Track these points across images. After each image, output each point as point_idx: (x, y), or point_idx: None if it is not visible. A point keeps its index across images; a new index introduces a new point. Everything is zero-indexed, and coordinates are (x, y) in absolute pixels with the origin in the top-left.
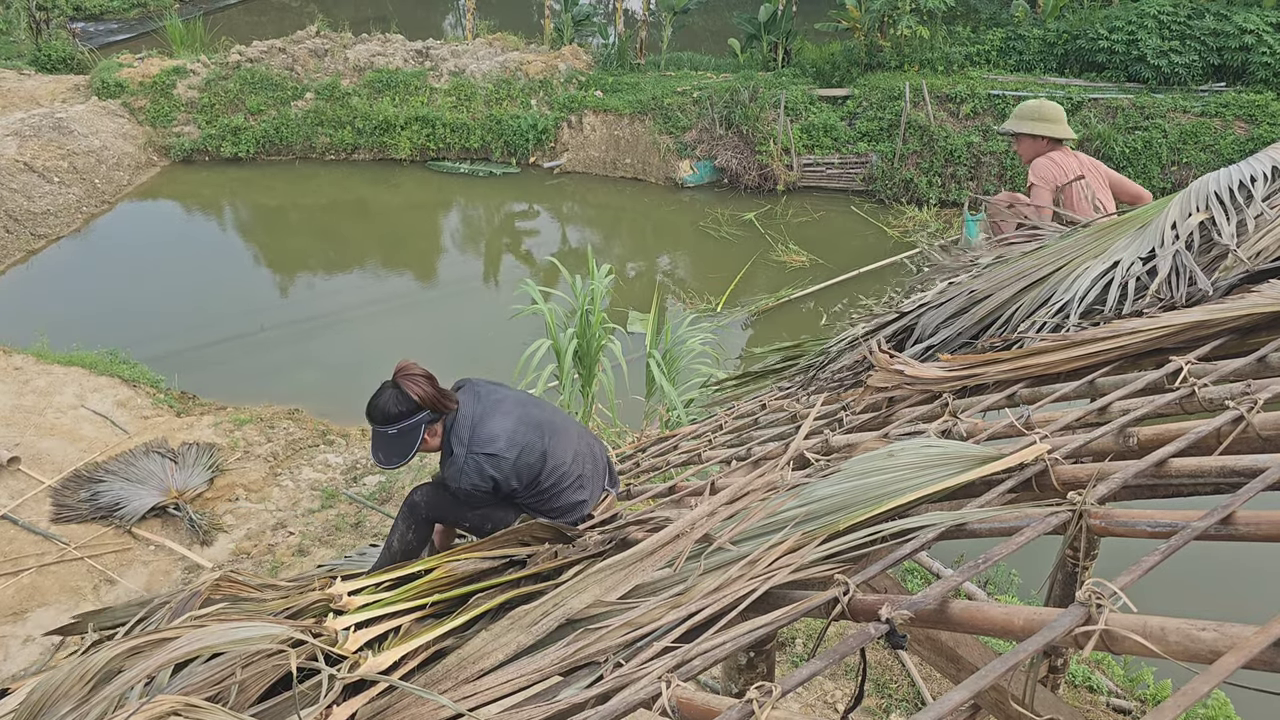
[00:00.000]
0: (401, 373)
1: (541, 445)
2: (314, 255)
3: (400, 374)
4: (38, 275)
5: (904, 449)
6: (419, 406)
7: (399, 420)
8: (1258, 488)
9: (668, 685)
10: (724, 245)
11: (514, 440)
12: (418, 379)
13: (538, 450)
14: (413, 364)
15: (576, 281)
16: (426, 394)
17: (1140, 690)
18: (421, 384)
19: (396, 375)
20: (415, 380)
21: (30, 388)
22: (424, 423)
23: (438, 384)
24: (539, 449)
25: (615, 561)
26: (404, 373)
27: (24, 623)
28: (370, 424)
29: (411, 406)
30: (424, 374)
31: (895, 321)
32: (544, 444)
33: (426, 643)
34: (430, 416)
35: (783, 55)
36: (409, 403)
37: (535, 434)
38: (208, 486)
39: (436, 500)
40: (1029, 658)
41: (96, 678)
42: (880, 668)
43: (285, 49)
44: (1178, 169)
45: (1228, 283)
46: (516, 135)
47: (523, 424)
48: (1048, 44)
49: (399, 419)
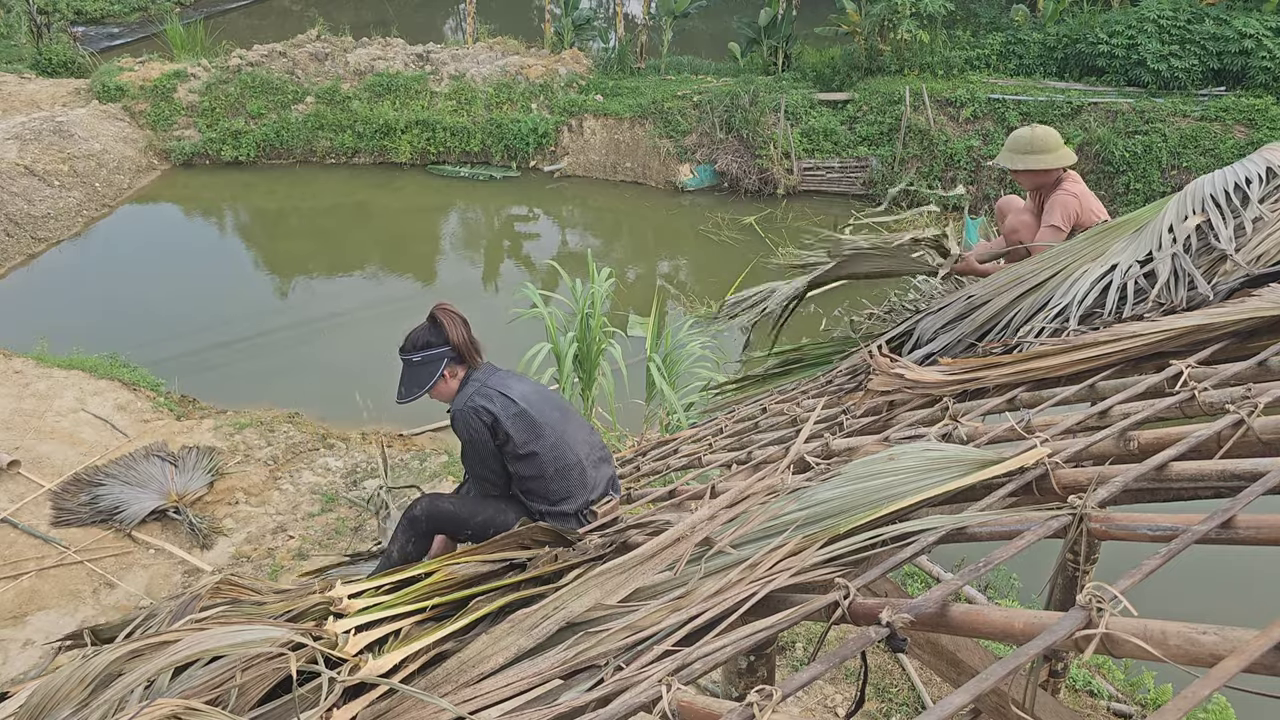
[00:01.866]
0: (440, 307)
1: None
2: (314, 259)
3: (439, 307)
4: (38, 279)
5: (904, 453)
6: (446, 341)
7: (425, 349)
8: (1258, 491)
9: (668, 689)
10: (724, 249)
11: (526, 397)
12: (454, 316)
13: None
14: (452, 305)
15: (577, 285)
16: (457, 333)
17: (1141, 694)
18: (456, 322)
19: (435, 309)
20: (451, 317)
21: (30, 391)
22: (446, 358)
23: (471, 332)
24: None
25: (615, 565)
26: (442, 307)
27: (24, 626)
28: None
29: (440, 339)
30: (461, 316)
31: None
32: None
33: (427, 646)
34: (453, 354)
35: (783, 59)
36: (439, 334)
37: (548, 405)
38: (208, 490)
39: (437, 512)
40: (1029, 661)
41: (96, 681)
42: (881, 671)
43: (286, 53)
44: (1178, 173)
45: (1228, 286)
46: (517, 139)
47: (539, 394)
48: (1048, 48)
49: (425, 347)
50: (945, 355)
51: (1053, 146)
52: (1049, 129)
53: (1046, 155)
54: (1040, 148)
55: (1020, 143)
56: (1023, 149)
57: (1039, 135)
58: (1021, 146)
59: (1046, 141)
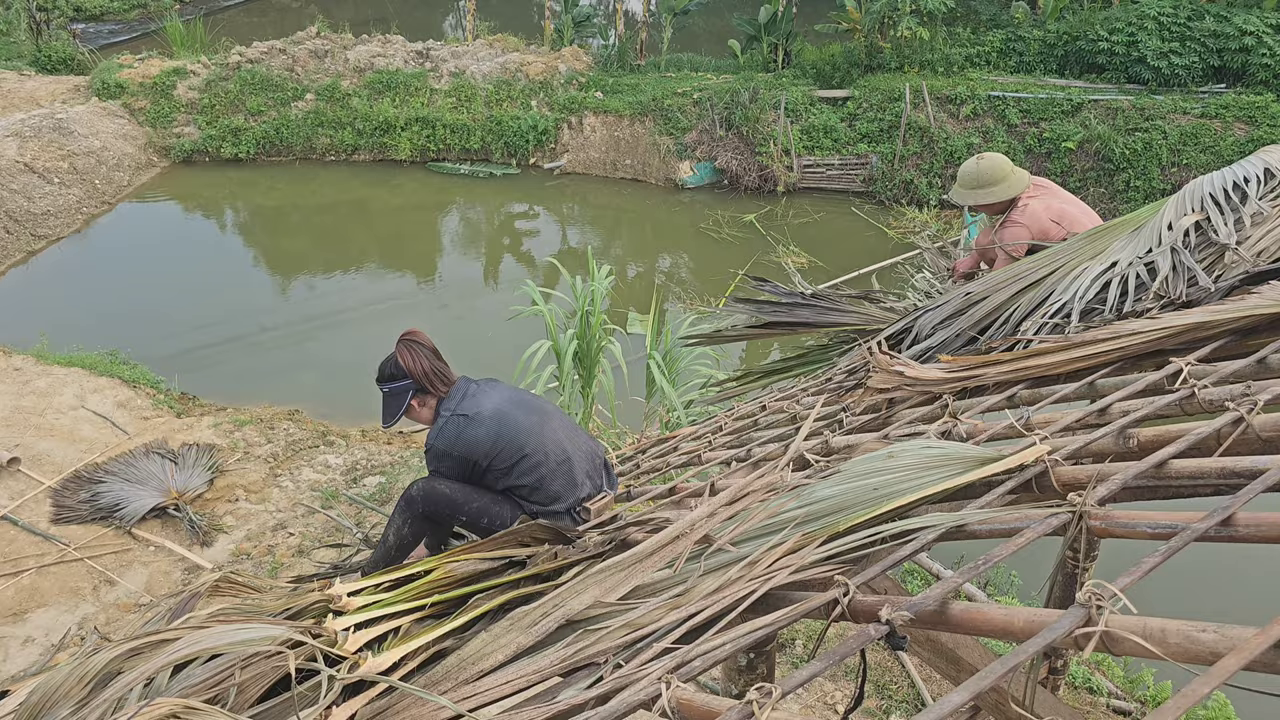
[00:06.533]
0: (404, 338)
1: (528, 423)
2: (314, 256)
3: (403, 338)
4: (38, 276)
5: (904, 450)
6: (405, 374)
7: (390, 380)
8: (1258, 489)
9: (668, 686)
10: (724, 246)
11: (500, 411)
12: (416, 349)
13: (523, 428)
14: (418, 334)
15: (576, 282)
16: (415, 367)
17: (1140, 692)
18: (417, 355)
19: (400, 340)
20: (413, 350)
21: (30, 389)
22: (410, 391)
23: (437, 362)
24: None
25: (615, 563)
26: (406, 338)
27: (24, 624)
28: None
29: (399, 371)
30: (427, 346)
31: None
32: (530, 424)
33: (426, 643)
34: (415, 387)
35: (783, 56)
36: (398, 368)
37: (524, 412)
38: (208, 487)
39: (434, 494)
40: (1029, 659)
41: (96, 679)
42: (880, 669)
43: (285, 50)
44: (1178, 170)
45: (1228, 284)
46: (517, 136)
47: (515, 401)
48: (1048, 45)
49: (390, 379)
50: (944, 351)
51: (998, 179)
52: (996, 159)
53: (994, 188)
54: (987, 181)
55: (968, 178)
56: (971, 184)
57: (984, 169)
58: (969, 182)
59: (992, 174)
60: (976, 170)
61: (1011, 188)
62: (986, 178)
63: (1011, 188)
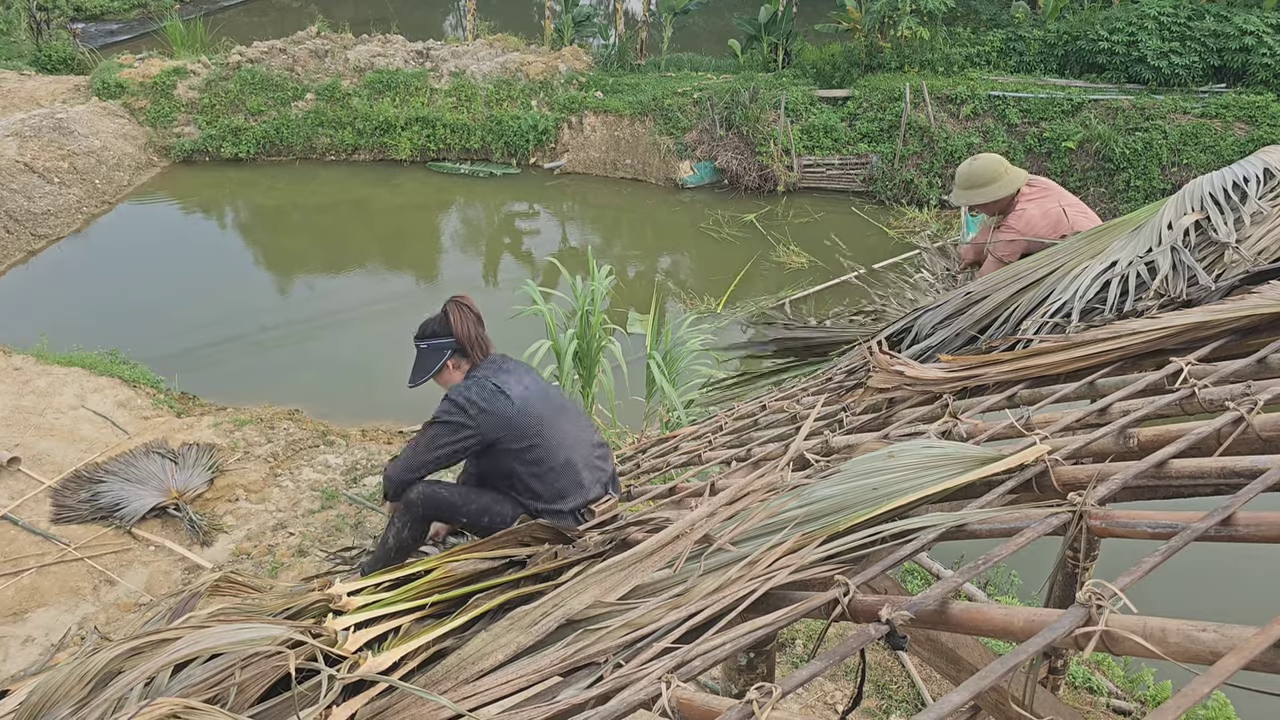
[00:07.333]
0: (455, 299)
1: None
2: (314, 256)
3: (453, 300)
4: (38, 276)
5: (904, 450)
6: (450, 333)
7: (431, 337)
8: (1258, 489)
9: (668, 686)
10: (724, 246)
11: (525, 395)
12: (465, 310)
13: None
14: (468, 299)
15: (576, 282)
16: (461, 328)
17: (1140, 691)
18: (466, 317)
19: (449, 301)
20: (461, 311)
21: (30, 388)
22: (449, 350)
23: (481, 330)
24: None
25: (615, 562)
26: (456, 300)
27: (24, 623)
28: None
29: (445, 329)
30: (474, 311)
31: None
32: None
33: (426, 643)
34: (456, 346)
35: (783, 56)
36: (444, 325)
37: (547, 403)
38: (208, 487)
39: (433, 497)
40: (1029, 659)
41: (96, 679)
42: (880, 669)
43: (286, 50)
44: (1178, 170)
45: (1228, 283)
46: (517, 136)
47: (540, 391)
48: (1048, 45)
49: (432, 336)
50: (944, 351)
51: (992, 178)
52: (991, 158)
53: (989, 187)
54: (981, 181)
55: (964, 179)
56: (966, 184)
57: (978, 170)
58: (965, 182)
59: (986, 174)
60: (970, 171)
61: (1004, 187)
62: (980, 178)
63: (1004, 187)
